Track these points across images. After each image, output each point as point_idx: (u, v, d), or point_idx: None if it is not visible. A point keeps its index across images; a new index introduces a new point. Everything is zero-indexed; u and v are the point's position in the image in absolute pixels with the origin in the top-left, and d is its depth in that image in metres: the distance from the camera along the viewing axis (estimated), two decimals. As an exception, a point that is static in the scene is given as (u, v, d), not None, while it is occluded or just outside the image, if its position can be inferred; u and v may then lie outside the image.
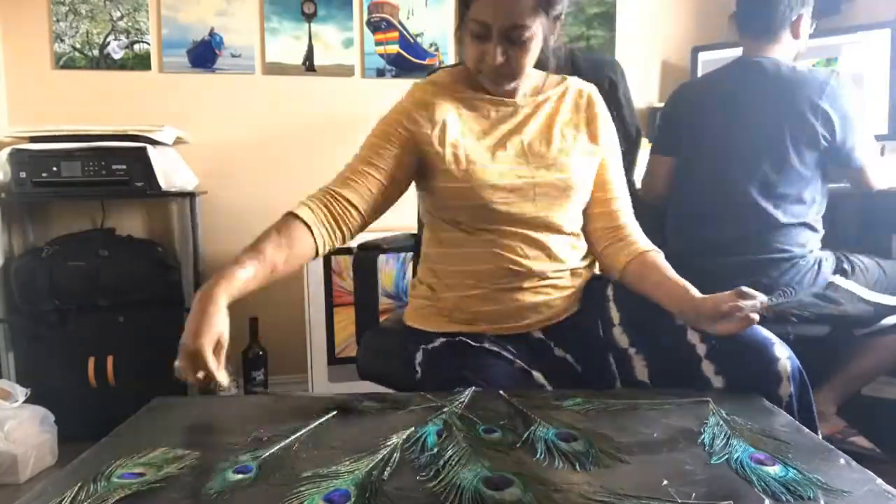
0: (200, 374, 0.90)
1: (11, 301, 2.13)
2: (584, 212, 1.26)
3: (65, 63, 2.40)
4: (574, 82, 1.29)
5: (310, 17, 2.55)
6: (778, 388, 1.00)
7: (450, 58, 2.68)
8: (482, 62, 1.13)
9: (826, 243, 1.75)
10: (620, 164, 1.30)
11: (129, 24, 2.43)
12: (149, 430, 0.87)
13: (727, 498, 0.64)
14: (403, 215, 1.47)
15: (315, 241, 1.09)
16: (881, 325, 1.71)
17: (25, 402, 1.91)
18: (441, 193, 1.19)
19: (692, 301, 1.04)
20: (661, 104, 2.76)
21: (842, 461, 0.75)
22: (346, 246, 1.32)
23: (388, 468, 0.70)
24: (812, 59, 2.35)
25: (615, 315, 1.20)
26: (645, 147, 1.87)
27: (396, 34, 2.62)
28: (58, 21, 2.38)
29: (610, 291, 1.23)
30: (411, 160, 1.19)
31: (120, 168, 2.10)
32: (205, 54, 2.48)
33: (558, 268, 1.21)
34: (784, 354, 1.02)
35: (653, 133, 2.70)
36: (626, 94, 1.60)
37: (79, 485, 0.67)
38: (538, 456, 0.74)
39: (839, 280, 1.65)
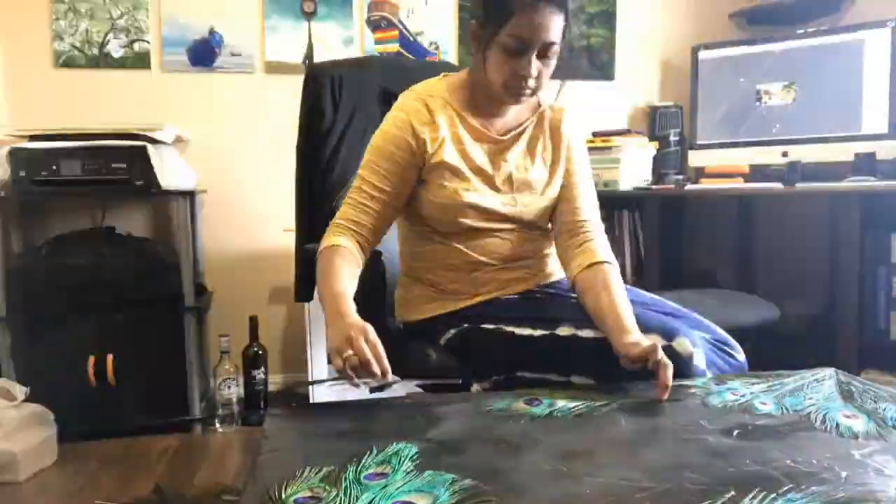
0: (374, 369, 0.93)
1: (11, 300, 2.13)
2: (550, 217, 1.32)
3: (64, 62, 2.39)
4: (548, 106, 1.34)
5: (309, 16, 2.55)
6: None
7: (450, 56, 2.67)
8: (514, 77, 1.16)
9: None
10: (588, 176, 1.34)
11: (129, 22, 2.42)
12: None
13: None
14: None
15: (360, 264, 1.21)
16: None
17: (25, 400, 1.91)
18: (424, 204, 1.25)
19: (623, 345, 1.05)
20: (662, 104, 2.77)
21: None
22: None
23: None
24: (808, 59, 2.35)
25: None
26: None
27: (396, 33, 2.62)
28: (57, 20, 2.37)
29: None
30: (413, 175, 1.24)
31: (120, 167, 2.09)
32: (204, 53, 2.48)
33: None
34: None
35: (656, 131, 2.71)
36: None
37: None
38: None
39: None
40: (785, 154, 2.37)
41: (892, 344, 2.07)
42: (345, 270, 1.13)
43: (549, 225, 1.33)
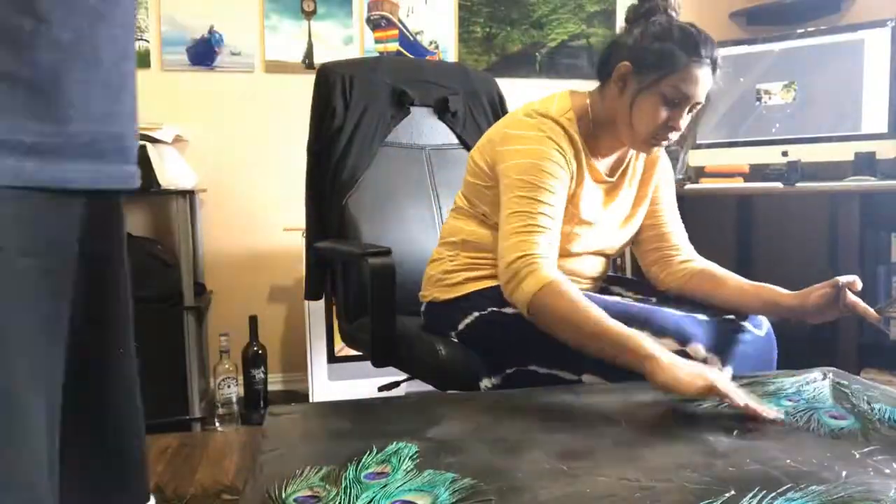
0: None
1: (11, 299, 2.13)
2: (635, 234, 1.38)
3: (64, 61, 2.39)
4: None
5: (309, 15, 2.55)
6: None
7: (449, 56, 2.68)
8: (664, 126, 1.19)
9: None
10: (672, 193, 1.40)
11: (129, 21, 2.42)
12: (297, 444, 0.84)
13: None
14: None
15: None
16: None
17: (25, 400, 1.91)
18: None
19: (794, 298, 1.17)
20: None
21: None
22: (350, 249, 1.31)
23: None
24: (808, 59, 2.35)
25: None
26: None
27: (396, 32, 2.62)
28: (57, 19, 2.37)
29: None
30: None
31: (119, 166, 2.09)
32: (204, 52, 2.48)
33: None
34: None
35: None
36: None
37: None
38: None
39: None
40: (785, 154, 2.37)
41: (893, 344, 2.07)
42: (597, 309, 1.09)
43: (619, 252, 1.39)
